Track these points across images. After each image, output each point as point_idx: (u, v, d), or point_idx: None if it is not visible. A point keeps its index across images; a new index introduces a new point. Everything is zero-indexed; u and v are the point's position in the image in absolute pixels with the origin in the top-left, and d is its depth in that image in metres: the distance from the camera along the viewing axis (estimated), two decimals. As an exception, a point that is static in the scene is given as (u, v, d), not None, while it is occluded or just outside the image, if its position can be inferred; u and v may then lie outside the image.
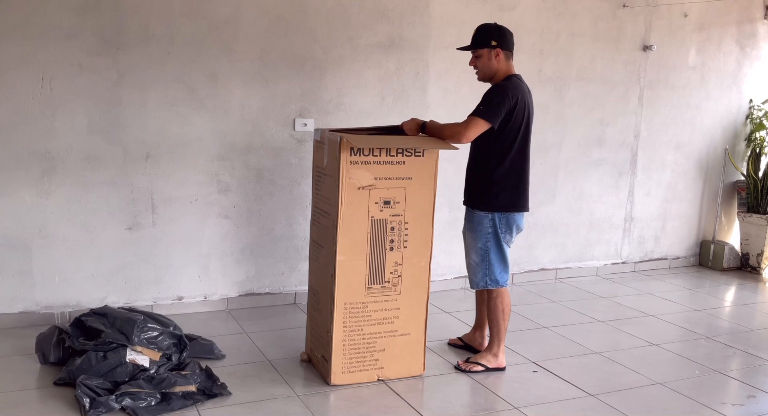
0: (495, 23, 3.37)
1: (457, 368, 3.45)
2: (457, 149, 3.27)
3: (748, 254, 5.74)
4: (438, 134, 3.24)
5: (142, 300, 3.99)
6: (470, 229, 3.42)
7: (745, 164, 5.81)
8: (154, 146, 3.88)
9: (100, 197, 3.81)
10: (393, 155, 3.09)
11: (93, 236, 3.84)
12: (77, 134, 3.71)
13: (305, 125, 4.17)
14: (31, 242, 3.72)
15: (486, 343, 3.63)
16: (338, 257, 3.09)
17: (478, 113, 3.20)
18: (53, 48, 3.59)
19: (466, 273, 4.83)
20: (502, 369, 3.46)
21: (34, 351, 3.35)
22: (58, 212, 3.74)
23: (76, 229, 3.79)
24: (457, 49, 3.51)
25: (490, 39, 3.29)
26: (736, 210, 5.91)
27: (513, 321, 4.23)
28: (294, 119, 4.15)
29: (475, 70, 3.39)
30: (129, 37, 3.72)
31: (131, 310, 3.48)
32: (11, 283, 3.72)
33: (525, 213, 3.42)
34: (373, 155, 3.05)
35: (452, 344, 3.78)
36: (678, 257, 5.79)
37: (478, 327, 3.75)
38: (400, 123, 3.36)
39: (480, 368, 3.43)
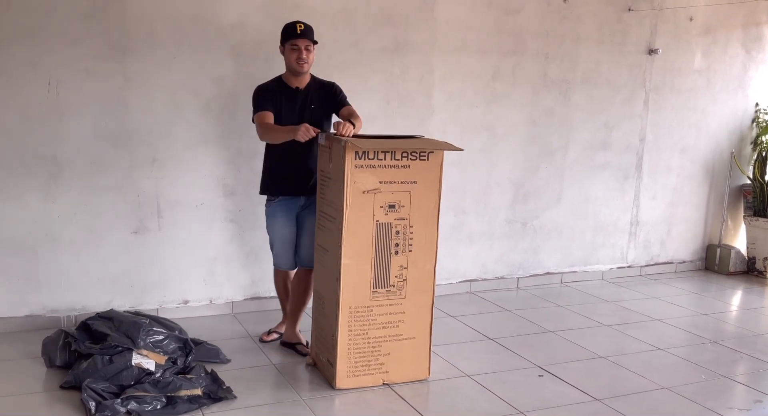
0: None
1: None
2: (462, 150, 3.28)
3: (754, 258, 5.72)
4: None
5: (147, 304, 4.00)
6: (314, 214, 3.50)
7: (751, 168, 5.79)
8: (161, 150, 3.89)
9: (107, 201, 3.83)
10: (398, 159, 3.10)
11: (99, 240, 3.85)
12: (84, 138, 3.73)
13: (310, 129, 4.17)
14: (38, 246, 3.74)
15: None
16: (343, 261, 3.09)
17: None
18: (60, 53, 3.61)
19: (471, 277, 4.89)
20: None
21: (41, 354, 3.37)
22: (64, 216, 3.76)
23: (82, 233, 3.81)
24: (302, 37, 3.43)
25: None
26: (743, 214, 5.88)
27: (518, 325, 4.24)
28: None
29: (305, 62, 3.44)
30: (135, 43, 3.74)
31: (137, 314, 3.50)
32: (18, 287, 3.74)
33: None
34: (377, 158, 3.06)
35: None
36: (684, 261, 5.77)
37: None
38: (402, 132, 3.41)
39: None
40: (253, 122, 3.50)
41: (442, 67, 4.50)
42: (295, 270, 3.71)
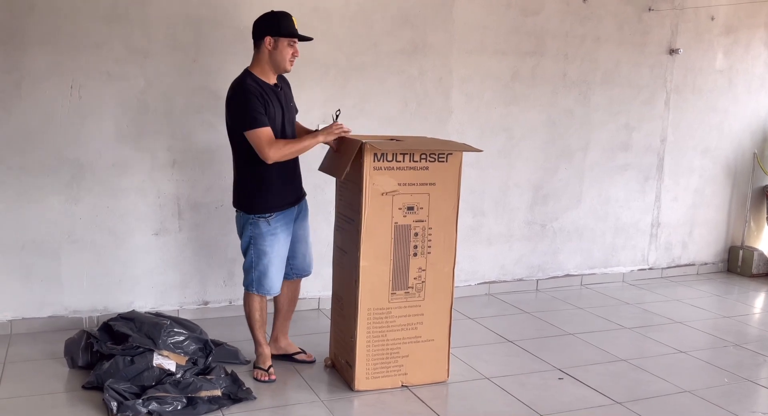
0: None
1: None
2: (481, 151, 3.27)
3: (778, 260, 5.64)
4: None
5: (168, 305, 4.03)
6: (307, 218, 3.45)
7: (774, 169, 5.72)
8: (181, 152, 3.92)
9: (128, 203, 3.87)
10: (416, 161, 3.09)
11: (120, 242, 3.89)
12: (105, 140, 3.77)
13: (329, 131, 4.18)
14: (60, 247, 3.78)
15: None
16: (362, 263, 3.10)
17: None
18: (82, 57, 3.65)
19: (490, 279, 4.87)
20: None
21: (63, 354, 3.40)
22: (86, 217, 3.80)
23: (104, 234, 3.85)
24: (303, 37, 3.17)
25: None
26: (765, 215, 5.81)
27: (538, 328, 4.22)
28: (318, 125, 4.13)
29: (293, 60, 3.18)
30: (156, 46, 3.78)
31: (158, 315, 3.53)
32: (40, 288, 3.79)
33: None
34: (396, 160, 3.06)
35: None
36: (706, 263, 5.71)
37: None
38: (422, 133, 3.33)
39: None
40: (244, 131, 3.01)
41: (461, 68, 4.50)
42: (287, 281, 3.43)
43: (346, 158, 3.10)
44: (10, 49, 3.54)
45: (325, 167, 3.39)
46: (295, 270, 3.46)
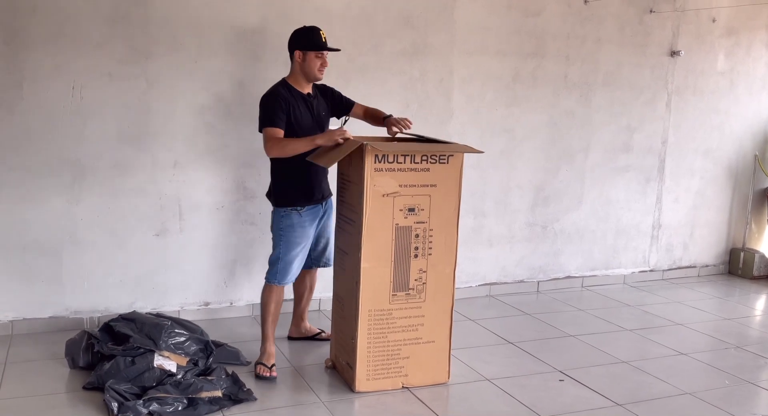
0: None
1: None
2: (482, 152, 3.26)
3: (779, 261, 5.64)
4: None
5: (169, 306, 4.03)
6: (332, 215, 3.55)
7: (776, 171, 5.72)
8: (182, 153, 3.93)
9: (129, 204, 3.87)
10: (417, 162, 3.09)
11: (121, 243, 3.89)
12: (107, 141, 3.78)
13: (330, 132, 4.19)
14: (62, 248, 3.78)
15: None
16: (363, 265, 3.10)
17: None
18: (84, 57, 3.66)
19: (491, 281, 4.87)
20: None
21: (64, 355, 3.40)
22: (87, 218, 3.80)
23: (105, 235, 3.85)
24: (329, 49, 3.38)
25: None
26: (767, 217, 5.81)
27: (539, 329, 4.22)
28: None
29: (323, 70, 3.39)
30: (158, 47, 3.78)
31: (159, 315, 3.54)
32: (42, 288, 3.79)
33: None
34: (397, 162, 3.06)
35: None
36: (707, 265, 5.70)
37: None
38: (431, 134, 3.39)
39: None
40: (260, 131, 3.32)
41: (462, 69, 4.50)
42: (306, 270, 3.69)
43: (342, 152, 3.08)
44: (12, 50, 3.54)
45: (313, 156, 3.27)
46: (315, 261, 3.65)
